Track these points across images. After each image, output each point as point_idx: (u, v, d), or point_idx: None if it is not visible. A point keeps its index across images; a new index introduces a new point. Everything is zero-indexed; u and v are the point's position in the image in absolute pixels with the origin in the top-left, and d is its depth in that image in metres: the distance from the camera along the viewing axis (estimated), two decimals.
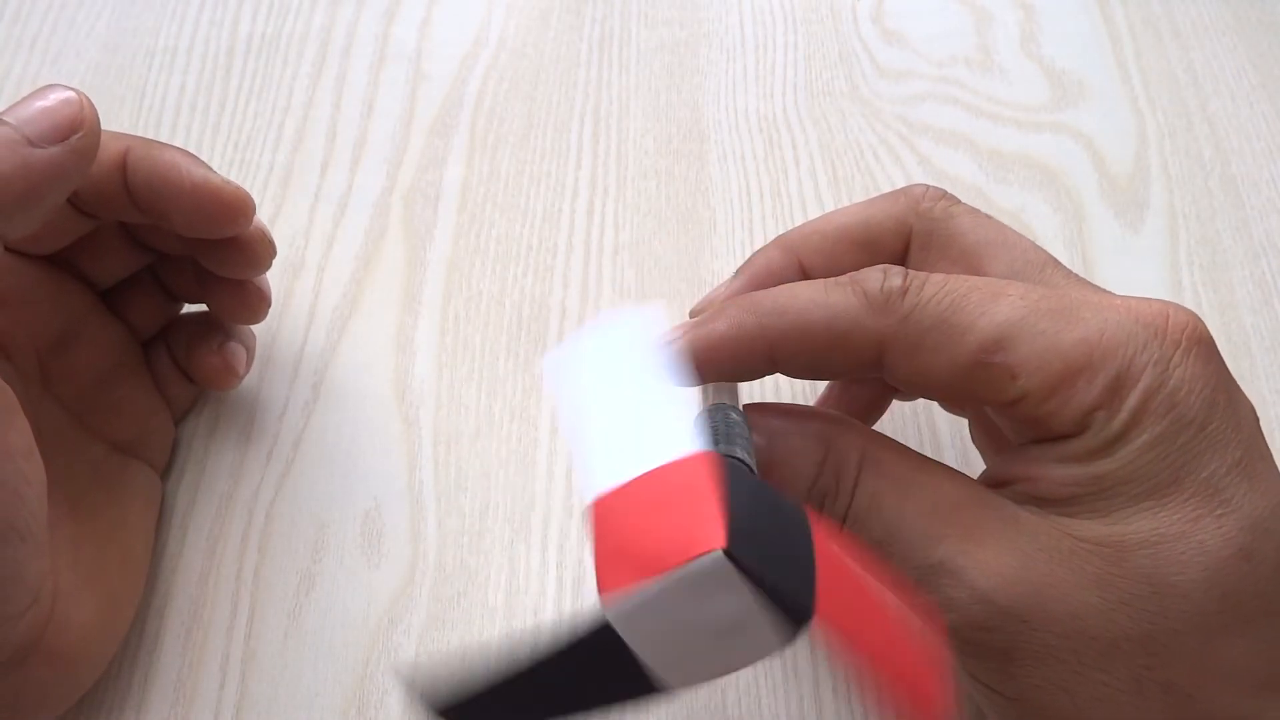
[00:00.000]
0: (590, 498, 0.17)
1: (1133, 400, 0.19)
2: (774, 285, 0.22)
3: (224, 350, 0.29)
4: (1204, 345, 0.19)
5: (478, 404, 0.31)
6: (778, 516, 0.16)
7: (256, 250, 0.27)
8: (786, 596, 0.15)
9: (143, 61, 0.38)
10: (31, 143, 0.21)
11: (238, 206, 0.26)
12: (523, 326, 0.32)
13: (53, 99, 0.22)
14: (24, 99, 0.22)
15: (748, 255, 0.35)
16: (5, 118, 0.22)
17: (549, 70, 0.38)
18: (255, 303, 0.29)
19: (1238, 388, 0.20)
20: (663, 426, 0.17)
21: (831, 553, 0.17)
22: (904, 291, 0.20)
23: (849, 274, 0.21)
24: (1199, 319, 0.20)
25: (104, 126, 0.33)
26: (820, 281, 0.21)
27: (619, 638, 0.16)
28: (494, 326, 0.32)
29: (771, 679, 0.27)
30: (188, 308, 0.31)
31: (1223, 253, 0.34)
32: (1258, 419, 0.20)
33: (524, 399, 0.31)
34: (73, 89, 0.23)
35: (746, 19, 0.40)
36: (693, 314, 0.24)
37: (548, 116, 0.37)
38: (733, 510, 0.15)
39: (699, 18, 0.40)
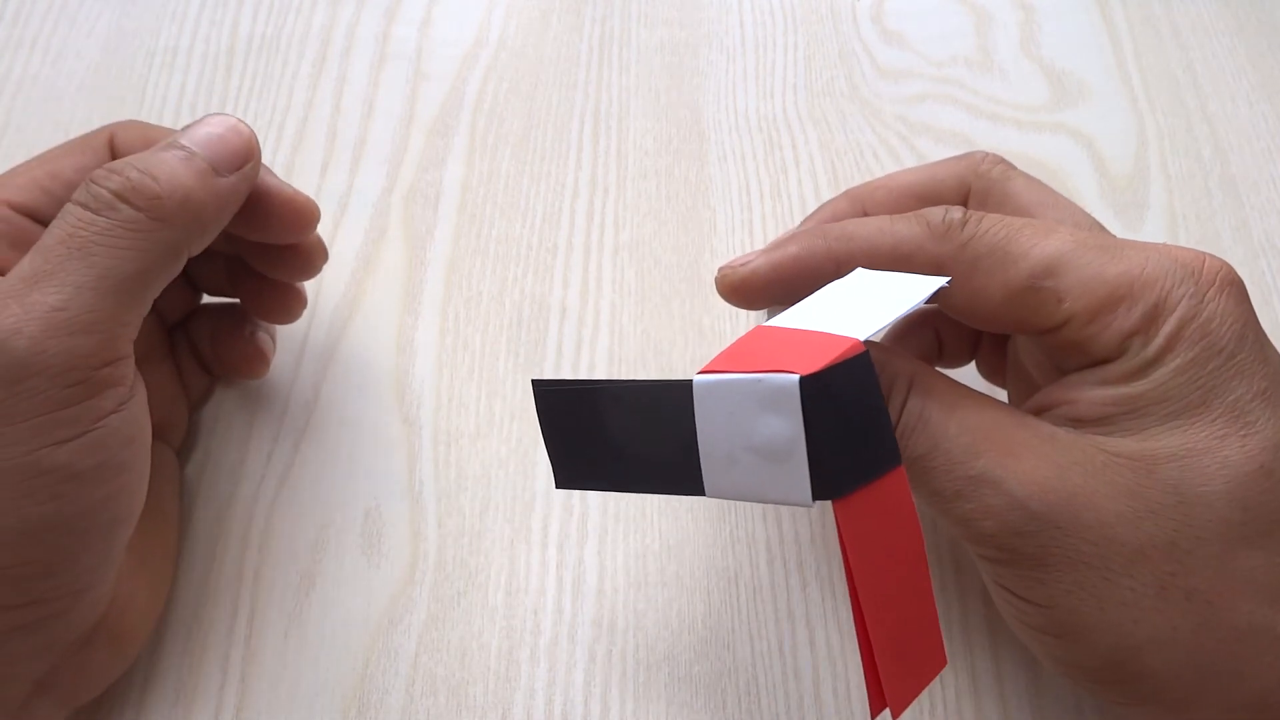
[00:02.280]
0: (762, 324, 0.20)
1: (1168, 327, 0.20)
2: None
3: (255, 339, 0.30)
4: (1236, 287, 0.21)
5: (478, 404, 0.31)
6: (868, 419, 0.18)
7: (313, 257, 0.28)
8: (824, 460, 0.17)
9: (143, 61, 0.38)
10: (217, 172, 0.23)
11: (309, 215, 0.27)
12: (523, 326, 0.32)
13: (224, 128, 0.24)
14: (194, 125, 0.24)
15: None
16: (187, 144, 0.23)
17: (549, 70, 0.38)
18: (295, 304, 0.30)
19: (1266, 334, 0.21)
20: (852, 325, 0.19)
21: (905, 514, 0.18)
22: (964, 223, 0.22)
23: (913, 211, 0.23)
24: (1233, 267, 0.21)
25: (104, 126, 0.32)
26: (886, 216, 0.23)
27: (690, 403, 0.18)
28: (494, 326, 0.32)
29: (771, 678, 0.27)
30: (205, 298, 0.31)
31: (1222, 253, 0.34)
32: None
33: (524, 399, 0.31)
34: (236, 118, 0.25)
35: (746, 19, 0.40)
36: (766, 247, 0.25)
37: (548, 116, 0.37)
38: (833, 375, 0.18)
39: (699, 18, 0.40)
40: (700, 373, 0.18)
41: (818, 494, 0.18)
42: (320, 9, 0.40)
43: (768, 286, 0.24)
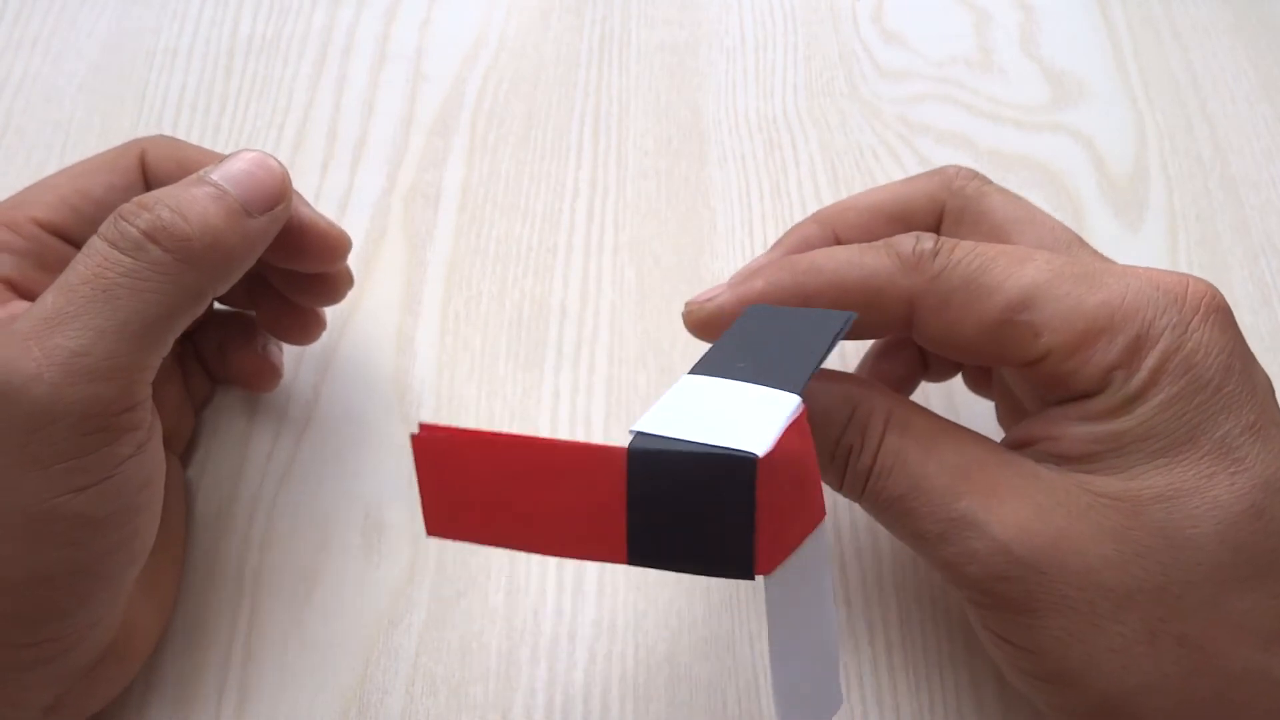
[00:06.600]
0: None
1: (1151, 360, 0.19)
2: None
3: (268, 352, 0.29)
4: (1221, 313, 0.20)
5: (478, 404, 0.31)
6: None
7: (339, 285, 0.28)
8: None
9: (143, 61, 0.38)
10: (248, 212, 0.23)
11: (341, 248, 0.27)
12: (523, 326, 0.32)
13: (257, 166, 0.23)
14: (228, 160, 0.23)
15: (748, 256, 0.35)
16: (220, 182, 0.22)
17: (549, 70, 0.38)
18: (314, 327, 0.29)
19: (1254, 358, 0.20)
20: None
21: None
22: (935, 253, 0.21)
23: (883, 239, 0.22)
24: (1217, 290, 0.20)
25: (105, 127, 0.33)
26: (855, 245, 0.22)
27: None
28: (494, 326, 0.32)
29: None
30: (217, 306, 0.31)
31: (1222, 253, 0.34)
32: (1273, 389, 0.20)
33: (524, 399, 0.31)
34: (269, 155, 0.24)
35: (746, 19, 0.40)
36: (731, 281, 0.24)
37: (548, 116, 0.37)
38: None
39: (699, 18, 0.40)
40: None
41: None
42: (320, 10, 0.40)
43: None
